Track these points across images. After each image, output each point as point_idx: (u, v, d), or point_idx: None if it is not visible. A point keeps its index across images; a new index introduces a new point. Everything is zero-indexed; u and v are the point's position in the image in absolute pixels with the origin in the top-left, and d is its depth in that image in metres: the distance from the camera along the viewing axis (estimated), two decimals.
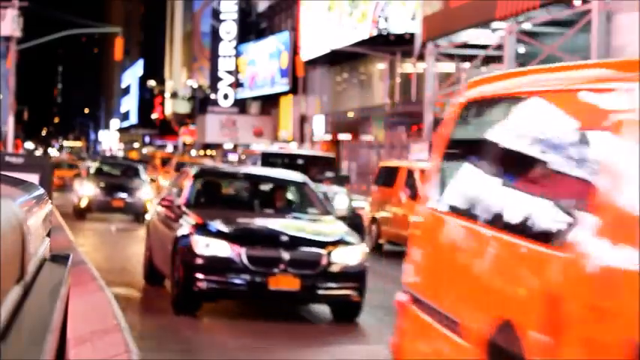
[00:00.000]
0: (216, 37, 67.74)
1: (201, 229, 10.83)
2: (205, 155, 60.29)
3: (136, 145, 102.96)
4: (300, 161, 22.08)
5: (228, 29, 66.73)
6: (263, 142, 60.21)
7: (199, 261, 10.57)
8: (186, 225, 11.10)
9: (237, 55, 64.77)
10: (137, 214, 25.30)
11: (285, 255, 10.51)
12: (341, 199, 19.86)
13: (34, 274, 2.51)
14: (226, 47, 66.74)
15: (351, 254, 10.89)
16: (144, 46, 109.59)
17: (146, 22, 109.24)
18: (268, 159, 22.14)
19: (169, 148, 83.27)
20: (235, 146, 62.18)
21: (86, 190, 25.65)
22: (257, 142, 61.36)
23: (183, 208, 11.77)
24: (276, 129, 59.81)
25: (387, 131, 40.53)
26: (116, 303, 9.26)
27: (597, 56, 22.57)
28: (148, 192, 26.07)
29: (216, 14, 67.97)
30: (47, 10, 67.98)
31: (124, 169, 29.14)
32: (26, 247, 2.23)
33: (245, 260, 10.48)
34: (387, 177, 20.77)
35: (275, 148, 41.99)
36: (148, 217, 14.03)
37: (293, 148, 44.37)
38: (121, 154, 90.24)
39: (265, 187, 13.01)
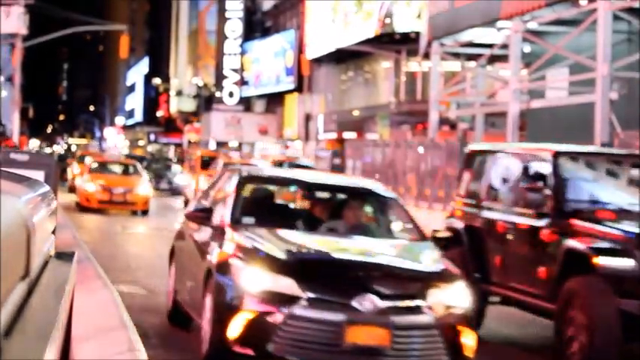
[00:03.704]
0: (220, 35, 67.76)
1: None
2: (249, 155, 46.39)
3: (142, 142, 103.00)
4: None
5: (234, 27, 66.70)
6: (268, 141, 60.17)
7: None
8: None
9: (243, 53, 64.76)
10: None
11: None
12: None
13: (40, 272, 2.51)
14: (231, 45, 66.72)
15: None
16: (149, 44, 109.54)
17: (151, 20, 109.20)
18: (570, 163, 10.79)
19: (212, 145, 61.54)
20: (240, 144, 62.05)
21: (243, 285, 7.77)
22: (262, 140, 61.30)
23: None
24: (281, 127, 59.79)
25: (392, 130, 40.52)
26: (121, 301, 9.26)
27: (603, 55, 22.52)
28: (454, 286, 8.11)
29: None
30: (53, 8, 68.01)
31: (342, 196, 9.84)
32: (31, 244, 2.23)
33: None
34: None
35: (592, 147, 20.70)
36: None
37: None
38: (126, 151, 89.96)
39: None
